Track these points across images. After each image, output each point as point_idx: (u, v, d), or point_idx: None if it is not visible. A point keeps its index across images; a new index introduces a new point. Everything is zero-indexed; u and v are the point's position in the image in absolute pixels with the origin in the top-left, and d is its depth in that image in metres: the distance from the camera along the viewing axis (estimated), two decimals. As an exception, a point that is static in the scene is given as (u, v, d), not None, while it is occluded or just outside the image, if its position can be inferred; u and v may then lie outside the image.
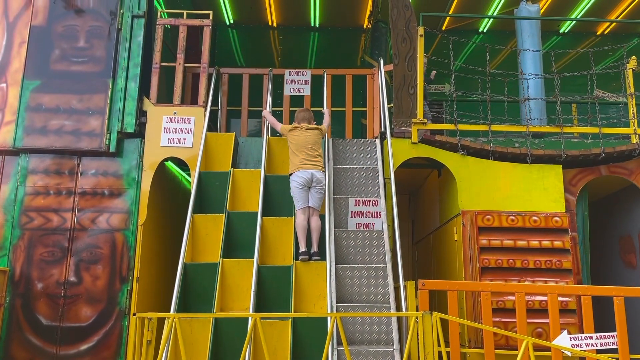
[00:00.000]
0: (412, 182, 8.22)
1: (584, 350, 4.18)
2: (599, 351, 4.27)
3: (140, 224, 6.13)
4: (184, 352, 4.00)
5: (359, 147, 6.54)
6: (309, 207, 5.64)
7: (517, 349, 4.13)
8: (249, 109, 7.72)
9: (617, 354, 4.28)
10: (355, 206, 5.89)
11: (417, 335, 4.29)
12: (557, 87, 6.70)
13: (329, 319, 4.67)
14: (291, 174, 5.74)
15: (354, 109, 7.63)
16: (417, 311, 4.50)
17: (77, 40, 6.65)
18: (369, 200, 5.92)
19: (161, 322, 4.53)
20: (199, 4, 9.21)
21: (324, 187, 5.75)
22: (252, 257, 5.41)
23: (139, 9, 6.72)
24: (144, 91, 6.61)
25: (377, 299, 5.26)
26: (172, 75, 6.79)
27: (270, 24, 10.17)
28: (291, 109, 7.23)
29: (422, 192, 8.39)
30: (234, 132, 6.63)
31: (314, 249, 5.54)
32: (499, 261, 5.82)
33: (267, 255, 5.64)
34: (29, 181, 6.29)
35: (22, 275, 6.02)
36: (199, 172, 6.11)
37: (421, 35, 6.57)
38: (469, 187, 6.25)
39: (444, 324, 4.33)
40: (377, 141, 6.58)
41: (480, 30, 10.40)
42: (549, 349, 4.48)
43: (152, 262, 6.40)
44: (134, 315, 4.38)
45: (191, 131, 6.48)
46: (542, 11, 8.91)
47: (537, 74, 7.31)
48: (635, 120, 6.50)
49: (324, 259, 5.47)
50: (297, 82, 7.62)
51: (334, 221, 5.81)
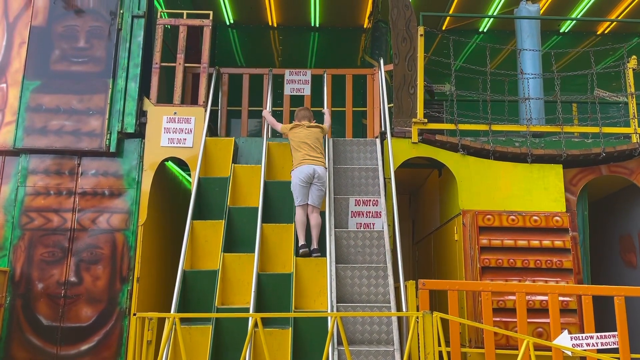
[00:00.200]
0: (412, 182, 8.22)
1: (585, 349, 4.18)
2: (599, 351, 4.27)
3: (140, 224, 6.13)
4: (184, 352, 4.00)
5: (359, 147, 6.54)
6: (309, 204, 5.65)
7: (517, 349, 4.13)
8: (249, 109, 7.71)
9: (618, 353, 4.28)
10: (355, 206, 5.89)
11: (418, 335, 4.28)
12: (557, 86, 6.69)
13: (329, 318, 4.67)
14: (293, 170, 5.75)
15: (354, 109, 7.62)
16: (417, 311, 4.50)
17: (77, 40, 6.65)
18: (370, 200, 5.92)
19: (161, 322, 4.53)
20: (199, 4, 9.21)
21: (325, 183, 5.75)
22: (253, 252, 5.42)
23: (139, 9, 6.72)
24: (144, 91, 6.61)
25: (378, 298, 5.25)
26: (172, 75, 6.79)
27: (270, 24, 10.17)
28: (291, 109, 7.22)
29: (422, 192, 8.39)
30: (233, 137, 6.55)
31: (314, 246, 5.56)
32: (500, 261, 5.81)
33: (267, 262, 5.58)
34: (29, 181, 6.29)
35: (22, 275, 6.02)
36: (198, 178, 6.06)
37: (421, 35, 6.57)
38: (469, 187, 6.24)
39: (445, 323, 4.33)
40: (378, 141, 6.58)
41: (480, 30, 10.40)
42: (549, 349, 4.47)
43: (153, 262, 6.40)
44: (134, 315, 4.38)
45: (191, 131, 6.48)
46: (542, 11, 8.91)
47: (537, 74, 7.30)
48: (635, 119, 6.50)
49: (324, 255, 5.48)
50: (297, 82, 7.62)
51: (334, 221, 5.80)
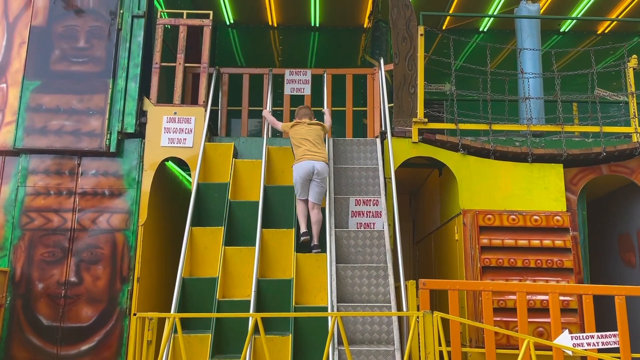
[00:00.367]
0: (412, 182, 8.21)
1: (585, 349, 4.17)
2: (600, 350, 4.25)
3: (140, 224, 6.13)
4: (184, 352, 4.00)
5: (360, 147, 6.53)
6: (309, 200, 5.68)
7: (518, 349, 4.13)
8: (249, 108, 7.72)
9: (619, 353, 4.28)
10: (355, 206, 5.88)
11: (418, 334, 4.28)
12: (557, 86, 6.69)
13: (329, 318, 4.66)
14: (294, 164, 5.79)
15: (355, 109, 7.62)
16: (418, 311, 4.49)
17: (77, 40, 6.64)
18: (370, 199, 5.91)
19: (161, 322, 4.53)
20: (199, 3, 9.20)
21: (326, 179, 5.77)
22: (254, 245, 5.45)
23: (139, 9, 6.71)
24: (144, 91, 6.61)
25: (378, 298, 5.25)
26: (172, 75, 6.79)
27: (270, 23, 10.17)
28: (291, 109, 7.22)
29: (422, 192, 8.38)
30: (232, 143, 6.48)
31: (315, 242, 5.61)
32: (500, 260, 5.81)
33: (267, 267, 5.54)
34: (29, 181, 6.29)
35: (22, 275, 6.02)
36: (197, 184, 6.01)
37: (421, 34, 6.57)
38: (469, 187, 6.24)
39: (445, 323, 4.33)
40: (378, 141, 6.57)
41: (480, 29, 10.39)
42: (550, 349, 4.47)
43: (153, 262, 6.39)
44: (135, 315, 4.37)
45: (191, 131, 6.48)
46: (542, 10, 8.90)
47: (538, 73, 7.30)
48: (636, 119, 6.49)
49: (324, 251, 5.49)
50: (298, 81, 7.62)
51: (335, 221, 5.79)
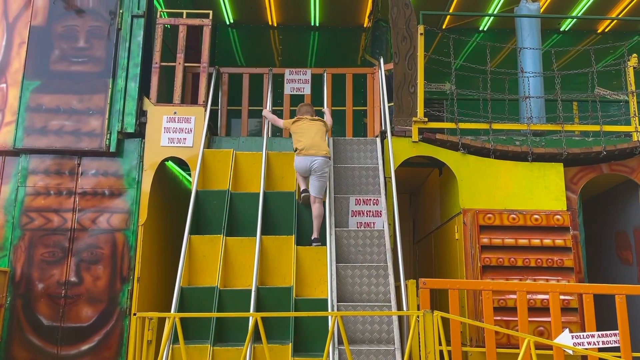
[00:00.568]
0: (412, 181, 8.21)
1: (586, 348, 4.17)
2: (600, 349, 4.25)
3: (140, 224, 6.12)
4: (184, 352, 4.00)
5: (360, 146, 6.53)
6: (310, 194, 5.76)
7: (518, 348, 4.13)
8: (249, 108, 7.71)
9: (619, 352, 4.27)
10: (355, 205, 5.88)
11: (419, 334, 4.28)
12: (558, 85, 6.68)
13: (329, 318, 4.66)
14: (295, 156, 5.91)
15: (355, 108, 7.61)
16: (418, 310, 4.49)
17: (77, 40, 6.64)
18: (370, 199, 5.91)
19: (162, 321, 4.52)
20: (199, 3, 9.20)
21: (326, 173, 5.80)
22: (254, 236, 5.50)
23: (138, 9, 6.71)
24: (144, 91, 6.60)
25: (378, 298, 5.25)
26: (172, 75, 6.79)
27: (270, 23, 10.16)
28: (291, 108, 7.22)
29: (422, 191, 8.38)
30: (232, 150, 6.38)
31: (315, 235, 5.67)
32: (500, 260, 5.81)
33: (266, 275, 5.49)
34: (29, 181, 6.29)
35: (22, 275, 6.02)
36: (196, 191, 5.95)
37: (421, 33, 6.56)
38: (469, 186, 6.23)
39: (445, 322, 4.32)
40: (378, 140, 6.57)
41: (480, 28, 10.39)
42: (550, 348, 4.47)
43: (153, 262, 6.39)
44: (135, 315, 4.37)
45: (191, 131, 6.48)
46: (542, 9, 8.89)
47: (538, 72, 7.29)
48: (636, 118, 6.49)
49: (324, 244, 5.53)
50: (298, 81, 7.61)
51: (335, 220, 5.79)
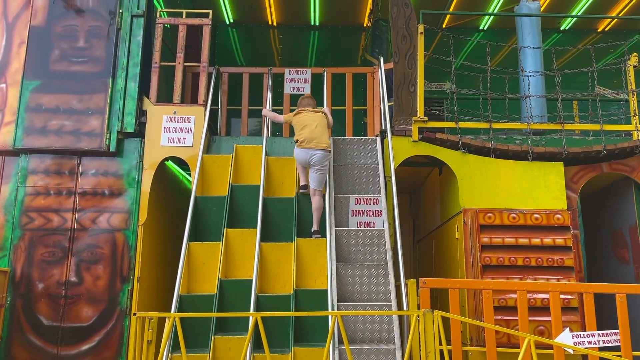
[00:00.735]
0: (413, 181, 8.20)
1: (586, 347, 4.17)
2: (601, 349, 4.25)
3: (140, 224, 6.12)
4: (184, 352, 3.99)
5: (360, 146, 6.53)
6: (310, 187, 5.80)
7: (519, 347, 4.12)
8: (249, 108, 7.71)
9: (620, 351, 4.27)
10: (355, 205, 5.88)
11: (419, 333, 4.27)
12: (558, 84, 6.67)
13: (330, 317, 4.66)
14: (295, 147, 5.93)
15: (355, 108, 7.61)
16: (418, 309, 4.49)
17: (77, 40, 6.64)
18: (370, 198, 5.91)
19: (162, 321, 4.52)
20: (199, 3, 9.20)
21: (325, 166, 5.82)
22: (255, 227, 5.56)
23: (138, 9, 6.71)
24: (143, 91, 6.60)
25: (379, 297, 5.25)
26: (172, 74, 6.78)
27: (270, 22, 10.16)
28: (291, 108, 7.21)
29: (423, 191, 8.37)
30: (231, 154, 6.37)
31: (315, 228, 5.71)
32: (501, 259, 5.81)
33: (266, 282, 5.46)
34: (29, 181, 6.29)
35: (22, 275, 6.02)
36: (195, 197, 5.93)
37: (421, 33, 6.56)
38: (470, 185, 6.23)
39: (446, 322, 4.32)
40: (378, 139, 6.56)
41: (480, 27, 10.38)
42: (551, 347, 4.47)
43: (153, 261, 6.39)
44: (135, 315, 4.37)
45: (191, 130, 6.47)
46: (542, 8, 8.89)
47: (538, 71, 7.28)
48: (636, 117, 6.48)
49: (324, 236, 5.56)
50: (297, 80, 7.61)
51: (335, 220, 5.79)
